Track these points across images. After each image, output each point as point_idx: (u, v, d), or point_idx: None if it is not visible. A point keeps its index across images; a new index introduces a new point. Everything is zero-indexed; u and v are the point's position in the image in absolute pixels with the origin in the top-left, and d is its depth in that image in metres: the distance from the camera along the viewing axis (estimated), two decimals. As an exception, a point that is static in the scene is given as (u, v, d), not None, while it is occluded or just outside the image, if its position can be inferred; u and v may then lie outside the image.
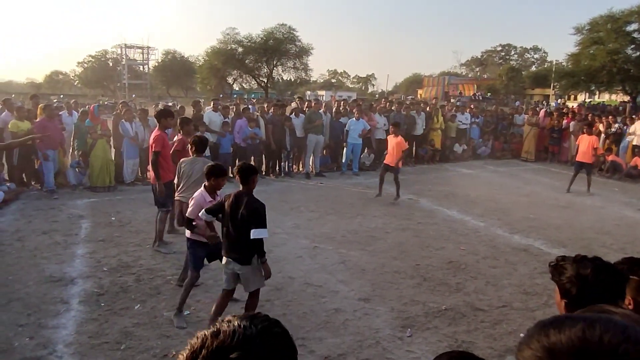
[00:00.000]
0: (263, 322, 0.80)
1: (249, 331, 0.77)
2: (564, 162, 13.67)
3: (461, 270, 5.49)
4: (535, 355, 0.73)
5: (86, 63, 59.20)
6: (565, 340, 0.70)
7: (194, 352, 0.75)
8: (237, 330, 0.76)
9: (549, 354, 0.72)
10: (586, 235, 7.00)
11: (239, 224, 3.60)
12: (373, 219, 7.48)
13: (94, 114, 9.08)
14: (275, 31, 45.26)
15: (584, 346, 0.69)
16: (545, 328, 0.76)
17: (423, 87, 51.01)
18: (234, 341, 0.74)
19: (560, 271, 1.64)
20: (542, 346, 0.73)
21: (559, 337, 0.72)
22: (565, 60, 37.16)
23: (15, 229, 6.56)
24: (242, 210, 3.57)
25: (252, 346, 0.75)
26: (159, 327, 3.99)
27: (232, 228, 3.65)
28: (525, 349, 0.76)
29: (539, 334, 0.75)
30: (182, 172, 5.09)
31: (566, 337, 0.71)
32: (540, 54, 76.68)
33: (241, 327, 0.77)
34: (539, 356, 0.73)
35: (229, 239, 3.71)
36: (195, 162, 5.03)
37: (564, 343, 0.70)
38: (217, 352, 0.74)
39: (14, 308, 4.25)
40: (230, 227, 3.66)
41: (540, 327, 0.77)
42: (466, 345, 3.85)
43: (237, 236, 3.64)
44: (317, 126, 10.92)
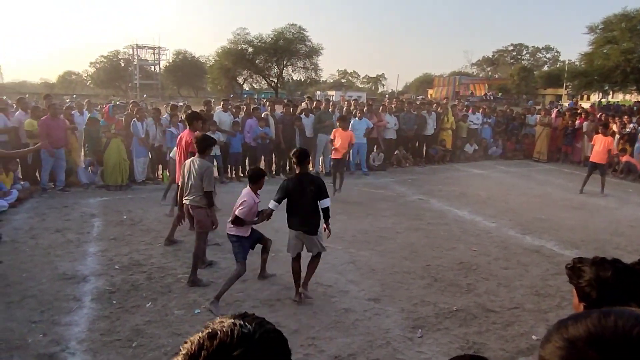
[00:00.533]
0: (256, 320, 0.81)
1: (246, 329, 0.78)
2: (577, 163, 13.51)
3: (472, 271, 5.45)
4: (556, 346, 0.78)
5: (98, 63, 59.78)
6: (583, 330, 0.75)
7: (192, 356, 0.75)
8: (234, 329, 0.77)
9: (569, 344, 0.76)
10: (600, 236, 6.91)
11: (309, 199, 4.33)
12: (383, 219, 7.46)
13: (108, 113, 9.17)
14: (286, 31, 45.37)
15: (600, 333, 0.73)
16: (564, 323, 0.82)
17: (433, 87, 50.71)
18: (233, 340, 0.75)
19: (578, 274, 1.62)
20: (562, 338, 0.77)
21: (577, 329, 0.76)
22: (578, 60, 36.75)
23: (29, 226, 6.65)
24: (310, 187, 4.31)
25: (251, 343, 0.76)
26: (170, 325, 4.02)
27: (303, 204, 4.34)
28: (546, 344, 0.80)
29: (558, 329, 0.81)
30: (187, 174, 4.92)
31: (583, 327, 0.75)
32: (553, 53, 75.89)
33: (237, 326, 0.78)
34: (559, 346, 0.77)
35: (300, 215, 4.38)
36: (194, 163, 4.89)
37: (581, 333, 0.75)
38: (218, 352, 0.74)
39: (27, 305, 4.31)
40: (301, 204, 4.34)
41: (559, 324, 0.83)
42: (477, 347, 3.82)
43: (308, 210, 4.36)
44: (326, 126, 10.91)
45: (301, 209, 4.37)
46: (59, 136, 8.48)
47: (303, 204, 4.36)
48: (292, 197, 4.37)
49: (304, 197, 4.33)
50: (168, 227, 6.75)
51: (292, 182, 4.39)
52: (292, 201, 4.38)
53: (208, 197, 4.79)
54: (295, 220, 4.43)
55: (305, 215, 4.38)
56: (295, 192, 4.34)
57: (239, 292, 4.69)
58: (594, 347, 0.72)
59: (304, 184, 4.34)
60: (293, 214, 4.42)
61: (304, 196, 4.32)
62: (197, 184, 4.79)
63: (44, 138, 8.24)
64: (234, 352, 0.74)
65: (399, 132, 12.43)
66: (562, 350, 0.76)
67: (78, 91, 56.95)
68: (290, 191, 4.35)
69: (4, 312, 4.16)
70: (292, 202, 4.39)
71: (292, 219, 4.44)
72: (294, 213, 4.42)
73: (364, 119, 11.21)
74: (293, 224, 4.45)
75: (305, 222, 4.39)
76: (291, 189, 4.35)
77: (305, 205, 4.36)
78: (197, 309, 4.32)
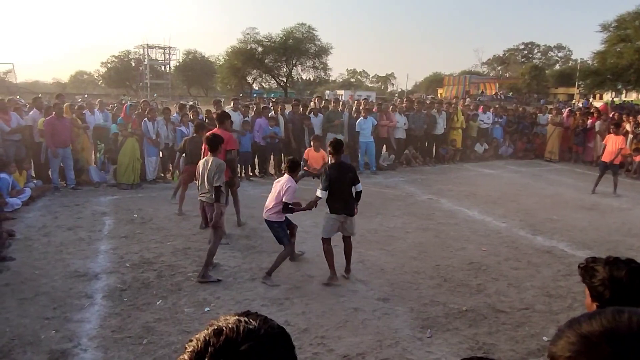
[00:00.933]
0: (260, 317, 0.82)
1: (251, 325, 0.78)
2: (589, 163, 13.35)
3: (482, 271, 5.41)
4: (569, 342, 0.78)
5: (109, 63, 60.32)
6: (597, 326, 0.76)
7: (198, 353, 0.75)
8: (239, 325, 0.78)
9: (583, 340, 0.77)
10: (612, 237, 6.82)
11: (347, 185, 4.83)
12: (392, 219, 7.44)
13: (125, 112, 9.27)
14: (295, 31, 45.45)
15: (614, 329, 0.74)
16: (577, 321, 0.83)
17: (443, 87, 50.42)
18: (240, 335, 0.76)
19: (591, 273, 1.60)
20: (576, 334, 0.78)
21: (591, 325, 0.77)
22: (590, 59, 36.31)
23: (41, 224, 6.74)
24: (349, 173, 4.84)
25: (257, 338, 0.76)
26: (180, 323, 4.04)
27: (343, 190, 4.82)
28: (557, 341, 0.80)
29: (571, 326, 0.82)
30: (201, 172, 5.11)
31: (598, 324, 0.76)
32: (565, 52, 75.11)
33: (242, 322, 0.78)
34: (572, 342, 0.78)
35: (342, 199, 4.84)
36: (207, 161, 5.07)
37: (595, 329, 0.76)
38: (225, 348, 0.75)
39: (40, 301, 4.37)
40: (342, 189, 4.81)
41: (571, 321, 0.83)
42: (487, 348, 3.80)
43: (347, 194, 4.85)
44: (336, 125, 10.91)
45: (343, 194, 4.84)
46: (64, 136, 8.58)
47: (344, 190, 4.84)
48: (335, 184, 4.78)
49: (344, 183, 4.82)
50: (178, 226, 6.82)
51: (333, 171, 4.80)
52: (335, 187, 4.79)
53: (217, 191, 4.94)
54: (338, 205, 4.85)
55: (347, 200, 4.87)
56: (337, 179, 4.78)
57: (248, 291, 4.71)
58: (609, 342, 0.73)
59: (343, 171, 4.83)
60: (336, 199, 4.84)
61: (344, 182, 4.82)
62: (210, 181, 4.98)
63: (49, 138, 8.36)
64: (240, 348, 0.74)
65: (409, 132, 12.38)
66: (576, 345, 0.77)
67: (89, 91, 57.56)
68: (333, 179, 4.76)
69: (18, 308, 4.22)
70: (334, 189, 4.80)
71: (336, 204, 4.85)
72: (336, 198, 4.84)
73: (369, 118, 11.19)
74: (336, 208, 4.86)
75: (348, 206, 4.88)
76: (334, 177, 4.77)
77: (345, 190, 4.85)
78: (207, 307, 4.34)
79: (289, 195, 4.83)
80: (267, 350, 0.76)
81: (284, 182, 4.91)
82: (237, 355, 0.74)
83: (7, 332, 3.81)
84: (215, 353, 0.74)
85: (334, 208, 4.87)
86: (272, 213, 4.94)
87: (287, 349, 0.81)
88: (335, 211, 4.87)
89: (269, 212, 4.97)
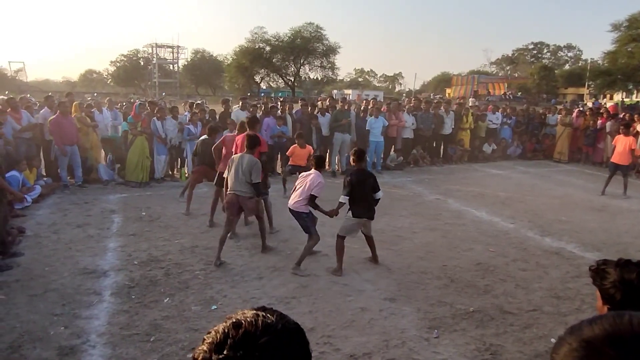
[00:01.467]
0: (276, 312, 0.84)
1: (269, 319, 0.80)
2: (599, 164, 13.23)
3: (490, 272, 5.38)
4: (571, 349, 0.79)
5: (119, 62, 60.76)
6: (599, 330, 0.76)
7: (218, 344, 0.77)
8: (257, 319, 0.80)
9: (585, 344, 0.76)
10: (622, 239, 6.76)
11: (369, 190, 5.06)
12: (400, 219, 7.42)
13: (135, 111, 9.34)
14: (303, 30, 45.45)
15: (616, 332, 0.74)
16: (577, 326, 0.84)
17: (452, 86, 50.21)
18: (258, 329, 0.78)
19: (602, 275, 1.59)
20: (578, 340, 0.78)
21: (592, 330, 0.77)
22: (601, 59, 35.98)
23: (51, 222, 6.80)
24: (370, 179, 5.07)
25: (275, 332, 0.78)
26: (187, 321, 4.07)
27: (365, 195, 5.05)
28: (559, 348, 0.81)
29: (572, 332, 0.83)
30: (233, 166, 5.42)
31: (599, 328, 0.76)
32: (575, 52, 74.48)
33: (260, 316, 0.80)
34: (574, 348, 0.78)
35: (365, 204, 5.08)
36: (243, 157, 5.42)
37: (597, 333, 0.76)
38: (244, 340, 0.76)
39: (49, 298, 4.41)
40: (364, 194, 5.04)
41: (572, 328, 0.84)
42: (494, 349, 3.78)
43: (369, 199, 5.10)
44: (343, 125, 10.90)
45: (365, 199, 5.07)
46: (71, 134, 8.65)
47: (365, 195, 5.07)
48: (357, 189, 5.01)
49: (366, 189, 5.05)
50: (186, 224, 6.86)
51: (355, 177, 5.02)
52: (356, 193, 5.02)
53: (256, 188, 5.35)
54: (360, 209, 5.08)
55: (369, 204, 5.11)
56: (358, 185, 5.00)
57: (255, 290, 4.72)
58: (612, 346, 0.73)
59: (364, 177, 5.06)
60: (358, 203, 5.06)
61: (366, 187, 5.04)
62: (246, 177, 5.31)
63: (56, 136, 8.45)
64: (259, 341, 0.76)
65: (417, 132, 12.34)
66: (579, 352, 0.77)
67: (99, 89, 58.04)
68: (354, 184, 4.98)
69: (28, 304, 4.27)
70: (356, 194, 5.02)
71: (358, 209, 5.08)
72: (358, 203, 5.06)
73: (380, 117, 11.18)
74: (359, 212, 5.09)
75: (369, 210, 5.13)
76: (355, 183, 4.99)
77: (367, 195, 5.08)
78: (214, 305, 4.36)
79: (318, 189, 5.09)
80: (284, 344, 0.78)
81: (314, 177, 5.15)
82: (256, 348, 0.75)
83: (17, 328, 3.85)
84: (234, 345, 0.75)
85: (356, 212, 5.08)
86: (300, 204, 5.19)
87: (302, 345, 0.82)
88: (358, 215, 5.09)
89: (297, 203, 5.20)
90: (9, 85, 45.98)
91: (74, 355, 3.52)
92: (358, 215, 5.09)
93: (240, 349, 0.75)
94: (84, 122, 9.31)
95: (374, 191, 5.12)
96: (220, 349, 0.76)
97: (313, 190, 5.10)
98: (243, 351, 0.75)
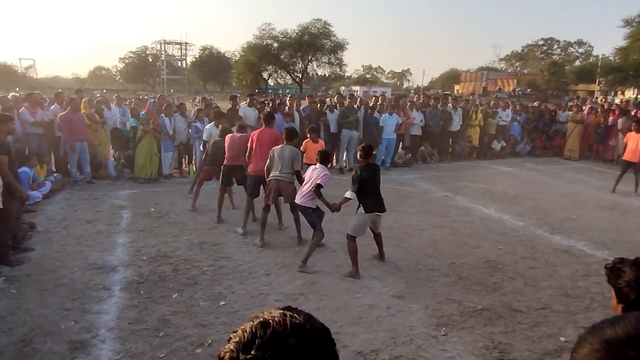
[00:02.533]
0: (303, 313, 0.83)
1: (297, 320, 0.79)
2: (609, 161, 13.09)
3: (498, 270, 5.35)
4: (593, 349, 0.77)
5: (127, 59, 61.07)
6: (621, 331, 0.75)
7: (245, 344, 0.76)
8: (285, 319, 0.78)
9: (607, 345, 0.76)
10: (633, 238, 6.68)
11: (378, 184, 5.15)
12: (407, 216, 7.40)
13: (149, 109, 9.39)
14: (311, 26, 45.35)
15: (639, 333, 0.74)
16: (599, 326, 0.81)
17: (460, 83, 49.85)
18: (287, 329, 0.77)
19: (617, 274, 1.57)
20: (599, 340, 0.78)
21: (614, 331, 0.76)
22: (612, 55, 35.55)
23: (61, 217, 6.87)
24: (378, 172, 5.18)
25: (304, 332, 0.77)
26: (196, 316, 4.09)
27: (374, 189, 5.10)
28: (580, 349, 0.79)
29: (594, 332, 0.80)
30: (275, 157, 5.78)
31: (621, 329, 0.76)
32: (585, 48, 73.53)
33: (287, 317, 0.79)
34: (596, 349, 0.78)
35: (375, 198, 5.10)
36: (284, 149, 5.77)
37: (619, 334, 0.75)
38: (273, 340, 0.75)
39: (60, 292, 4.46)
40: (374, 189, 5.09)
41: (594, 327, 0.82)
42: (503, 347, 3.76)
43: (379, 193, 5.16)
44: (351, 121, 10.88)
45: (375, 193, 5.12)
46: (80, 130, 8.72)
47: (375, 189, 5.11)
48: (367, 185, 5.00)
49: (375, 183, 5.10)
50: (194, 220, 6.89)
51: (365, 172, 5.01)
52: (367, 188, 5.03)
53: (298, 175, 5.73)
54: (372, 204, 5.08)
55: (379, 198, 5.15)
56: (368, 180, 5.01)
57: (263, 286, 4.74)
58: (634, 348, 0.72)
59: (373, 172, 5.11)
60: (369, 198, 5.07)
61: (375, 182, 5.10)
62: (288, 165, 5.68)
63: (65, 132, 8.51)
64: (288, 341, 0.75)
65: (425, 128, 12.28)
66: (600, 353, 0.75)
67: (108, 86, 58.40)
68: (365, 180, 4.97)
69: (39, 299, 4.32)
70: (366, 189, 5.03)
71: (370, 203, 5.07)
72: (369, 197, 5.07)
73: (394, 115, 11.15)
74: (371, 207, 5.07)
75: (380, 204, 5.15)
76: (365, 178, 4.98)
77: (376, 190, 5.14)
78: (223, 301, 4.38)
79: (323, 179, 5.16)
80: (313, 345, 0.77)
81: (320, 170, 5.25)
82: (284, 348, 0.74)
83: (28, 322, 3.90)
84: (263, 345, 0.74)
85: (367, 207, 5.08)
86: (307, 199, 5.28)
87: (330, 346, 0.81)
88: (370, 210, 5.08)
89: (304, 198, 5.30)
90: (19, 81, 46.44)
91: (84, 349, 3.56)
92: (370, 209, 5.09)
93: (269, 349, 0.74)
94: (92, 118, 9.38)
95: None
96: (248, 349, 0.75)
97: (319, 180, 5.17)
98: (272, 351, 0.74)
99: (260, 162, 6.19)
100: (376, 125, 11.18)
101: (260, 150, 6.25)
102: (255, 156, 6.29)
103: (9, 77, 48.67)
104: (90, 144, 9.14)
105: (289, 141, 5.87)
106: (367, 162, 5.16)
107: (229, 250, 5.71)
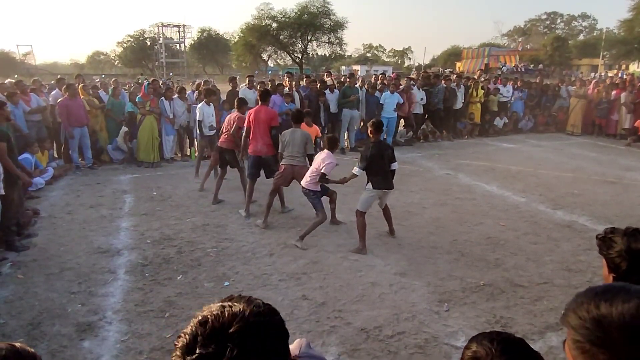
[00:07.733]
0: (243, 298, 0.82)
1: (236, 307, 0.79)
2: (612, 136, 13.00)
3: (500, 246, 5.38)
4: (583, 325, 0.73)
5: (125, 43, 60.34)
6: (616, 314, 0.72)
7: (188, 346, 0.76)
8: (223, 310, 0.78)
9: (597, 325, 0.73)
10: (635, 212, 6.68)
11: (387, 162, 5.12)
12: (410, 194, 7.40)
13: (144, 91, 9.32)
14: (310, 5, 44.54)
15: (635, 323, 0.70)
16: (596, 298, 0.75)
17: (462, 60, 49.21)
18: (226, 319, 0.76)
19: (609, 244, 1.57)
20: (592, 317, 0.74)
21: (610, 310, 0.73)
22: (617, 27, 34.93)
23: (65, 203, 6.90)
24: (387, 151, 5.15)
25: (244, 319, 0.77)
26: (200, 297, 4.14)
27: (383, 166, 5.10)
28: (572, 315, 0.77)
29: (589, 303, 0.75)
30: (286, 141, 5.77)
31: (617, 312, 0.72)
32: (589, 21, 72.31)
33: (226, 307, 0.79)
34: (586, 327, 0.73)
35: (383, 175, 5.12)
36: (295, 132, 5.78)
37: (614, 317, 0.72)
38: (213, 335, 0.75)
39: (66, 277, 4.51)
40: (382, 166, 5.09)
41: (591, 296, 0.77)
42: (505, 321, 3.80)
43: (387, 170, 5.15)
44: (352, 101, 10.79)
45: (383, 170, 5.12)
46: (78, 115, 8.68)
47: (383, 166, 5.11)
48: (375, 162, 5.04)
49: (383, 160, 5.09)
50: (197, 203, 6.91)
51: (373, 149, 5.03)
52: (375, 165, 5.06)
53: (311, 159, 5.65)
54: (379, 180, 5.12)
55: (386, 175, 5.16)
56: (376, 157, 5.03)
57: (266, 266, 4.78)
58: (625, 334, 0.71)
59: (382, 149, 5.09)
60: (376, 175, 5.11)
61: (383, 159, 5.09)
62: (300, 148, 5.70)
63: (63, 118, 8.49)
64: (229, 331, 0.75)
65: (426, 106, 12.18)
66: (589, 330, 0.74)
67: (107, 71, 57.97)
68: (373, 157, 5.01)
69: (45, 283, 4.37)
70: (374, 166, 5.07)
71: (377, 180, 5.12)
72: (377, 174, 5.11)
73: (395, 94, 11.06)
74: (378, 184, 5.13)
75: (387, 181, 5.17)
76: (373, 155, 5.01)
77: (385, 167, 5.13)
78: (227, 282, 4.42)
79: (327, 169, 5.21)
80: (255, 328, 0.77)
81: (325, 157, 5.26)
82: (227, 339, 0.74)
83: (36, 306, 3.96)
84: (205, 342, 0.74)
85: (374, 184, 5.13)
86: (312, 183, 5.32)
87: (275, 324, 0.81)
88: (378, 186, 5.14)
89: (308, 182, 5.33)
90: (18, 68, 46.10)
91: (91, 331, 3.62)
92: (378, 186, 5.14)
93: (211, 344, 0.74)
94: (92, 105, 9.33)
95: (390, 162, 5.19)
96: (191, 350, 0.75)
97: (323, 169, 5.22)
98: (215, 345, 0.73)
99: (260, 142, 6.17)
100: (376, 104, 11.10)
101: (258, 129, 6.20)
102: (255, 136, 6.25)
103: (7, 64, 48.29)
104: (91, 130, 9.12)
105: (296, 124, 5.90)
106: (377, 140, 5.16)
107: (232, 232, 5.74)
